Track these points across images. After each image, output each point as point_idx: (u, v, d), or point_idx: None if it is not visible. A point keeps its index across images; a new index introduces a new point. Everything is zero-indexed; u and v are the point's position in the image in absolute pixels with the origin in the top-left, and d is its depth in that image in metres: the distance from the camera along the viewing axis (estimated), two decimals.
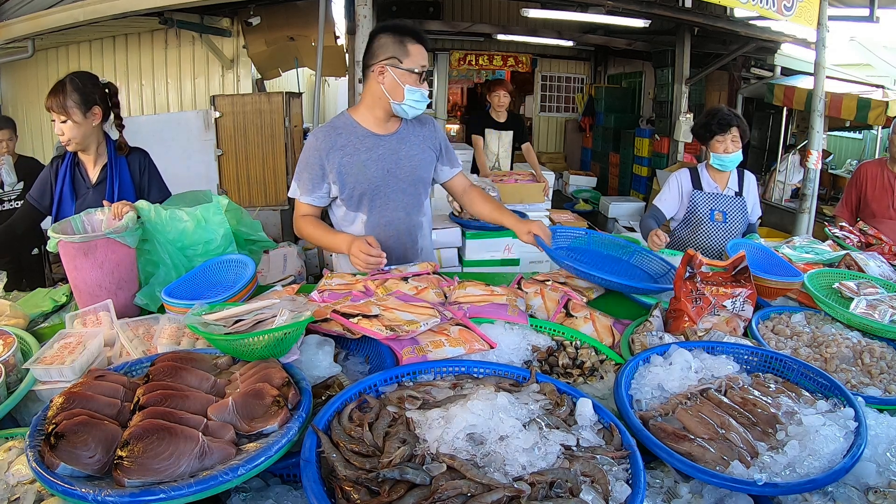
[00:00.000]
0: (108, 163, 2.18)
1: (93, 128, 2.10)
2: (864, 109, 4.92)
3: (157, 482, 0.88)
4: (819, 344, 1.56)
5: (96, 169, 2.18)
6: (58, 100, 1.99)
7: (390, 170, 2.00)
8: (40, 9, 3.96)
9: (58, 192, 2.12)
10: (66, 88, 2.00)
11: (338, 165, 1.95)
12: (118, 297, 1.69)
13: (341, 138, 1.96)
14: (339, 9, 5.95)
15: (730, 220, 2.66)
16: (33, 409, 1.28)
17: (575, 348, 1.57)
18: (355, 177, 1.97)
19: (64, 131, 2.02)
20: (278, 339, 1.23)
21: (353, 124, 2.00)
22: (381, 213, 2.04)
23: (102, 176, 2.17)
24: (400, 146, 2.02)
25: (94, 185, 2.16)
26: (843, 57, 6.71)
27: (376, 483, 0.92)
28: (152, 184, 2.26)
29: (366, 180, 1.98)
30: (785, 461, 1.04)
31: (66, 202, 2.13)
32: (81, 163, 2.18)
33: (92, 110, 2.07)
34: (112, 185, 2.15)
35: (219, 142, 5.20)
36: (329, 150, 1.95)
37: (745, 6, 4.03)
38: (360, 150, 1.97)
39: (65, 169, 2.14)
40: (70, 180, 2.14)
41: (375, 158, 1.98)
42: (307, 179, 1.98)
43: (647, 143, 7.63)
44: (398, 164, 2.01)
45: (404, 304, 1.57)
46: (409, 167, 2.03)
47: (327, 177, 1.97)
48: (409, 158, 2.03)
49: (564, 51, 9.44)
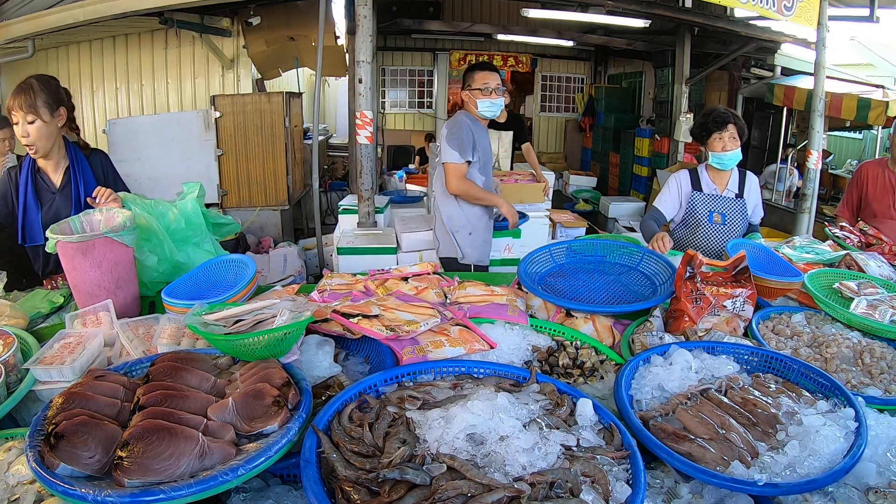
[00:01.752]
0: (69, 166, 2.12)
1: (57, 129, 2.05)
2: (864, 109, 4.91)
3: (157, 482, 0.88)
4: (819, 344, 1.56)
5: (59, 173, 2.12)
6: (26, 98, 1.92)
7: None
8: (40, 9, 3.96)
9: (21, 203, 2.05)
10: (35, 87, 1.94)
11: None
12: (117, 297, 1.69)
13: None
14: (339, 9, 5.94)
15: (729, 222, 2.65)
16: (33, 409, 1.28)
17: (575, 348, 1.57)
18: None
19: (30, 133, 1.95)
20: (278, 339, 1.23)
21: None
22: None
23: (66, 180, 2.11)
24: None
25: (59, 189, 2.10)
26: (844, 57, 6.71)
27: (376, 483, 0.92)
28: (116, 183, 2.23)
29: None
30: (785, 461, 1.04)
31: (32, 211, 2.06)
32: (42, 170, 2.11)
33: (58, 111, 2.03)
34: (77, 187, 2.10)
35: (219, 142, 5.19)
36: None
37: (745, 6, 4.03)
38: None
39: (25, 178, 2.06)
40: (33, 189, 2.07)
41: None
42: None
43: (647, 143, 7.63)
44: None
45: (404, 304, 1.57)
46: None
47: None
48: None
49: (564, 51, 9.45)
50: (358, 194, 3.53)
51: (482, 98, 2.71)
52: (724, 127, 2.57)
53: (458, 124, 2.72)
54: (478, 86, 2.69)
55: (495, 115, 2.78)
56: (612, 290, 1.90)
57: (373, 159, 3.53)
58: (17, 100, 1.93)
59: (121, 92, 6.14)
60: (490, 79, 2.70)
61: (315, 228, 4.35)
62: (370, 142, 3.44)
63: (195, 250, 1.98)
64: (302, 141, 6.03)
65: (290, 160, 5.39)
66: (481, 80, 2.70)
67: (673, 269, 1.82)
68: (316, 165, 4.08)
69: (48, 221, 1.97)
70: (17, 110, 1.94)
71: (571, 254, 2.11)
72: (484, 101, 2.70)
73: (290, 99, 5.41)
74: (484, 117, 2.77)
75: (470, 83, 2.74)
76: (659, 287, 1.85)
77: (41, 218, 2.06)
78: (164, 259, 1.89)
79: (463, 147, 2.69)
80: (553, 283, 1.94)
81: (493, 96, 2.70)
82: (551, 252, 2.11)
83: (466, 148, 2.69)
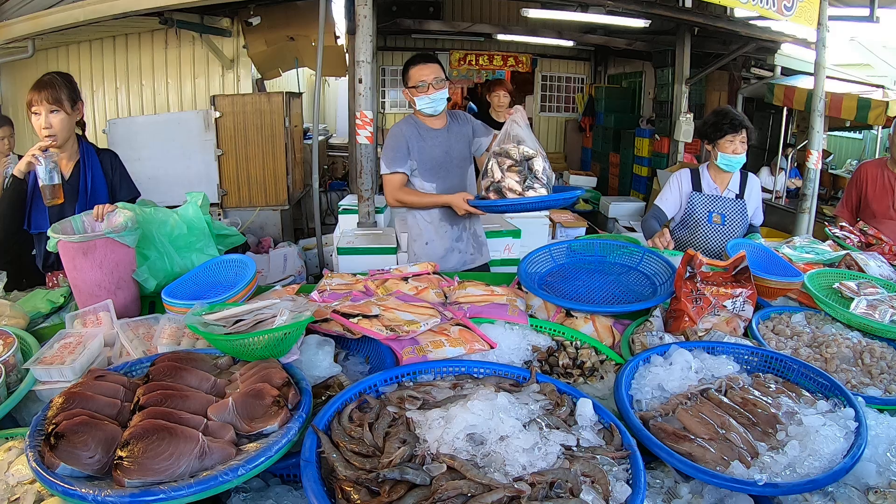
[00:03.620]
0: (80, 159, 2.20)
1: (74, 123, 2.15)
2: (864, 109, 4.91)
3: (157, 482, 0.88)
4: (819, 344, 1.56)
5: (69, 165, 2.19)
6: (52, 92, 2.02)
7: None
8: (40, 9, 3.96)
9: (30, 190, 2.12)
10: (57, 81, 2.04)
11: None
12: (118, 297, 1.69)
13: None
14: (339, 9, 5.93)
15: (728, 223, 2.66)
16: (33, 409, 1.28)
17: (575, 348, 1.57)
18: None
19: (53, 124, 2.03)
20: (278, 339, 1.23)
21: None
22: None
23: (76, 172, 2.19)
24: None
25: (67, 180, 2.17)
26: (844, 57, 6.70)
27: (376, 483, 0.92)
28: (123, 183, 2.30)
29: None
30: (785, 461, 1.04)
31: (39, 199, 2.11)
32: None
33: (77, 105, 2.12)
34: (85, 180, 2.18)
35: (219, 142, 5.19)
36: None
37: (745, 6, 4.02)
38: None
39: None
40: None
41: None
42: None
43: (647, 143, 7.63)
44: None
45: (404, 304, 1.57)
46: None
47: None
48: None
49: (564, 51, 9.44)
50: (358, 194, 3.53)
51: (419, 95, 2.46)
52: (739, 130, 2.60)
53: (391, 133, 2.56)
54: (413, 83, 2.46)
55: (437, 110, 2.51)
56: (612, 289, 1.90)
57: (373, 159, 3.53)
58: (43, 93, 2.02)
59: (121, 92, 6.13)
60: (424, 74, 2.44)
61: (315, 228, 4.35)
62: (370, 142, 3.44)
63: (199, 256, 1.96)
64: (302, 141, 6.03)
65: (290, 160, 5.38)
66: (416, 76, 2.46)
67: (673, 268, 1.81)
68: (316, 165, 4.08)
69: (54, 210, 2.09)
70: (42, 103, 2.02)
71: (571, 254, 2.12)
72: (421, 98, 2.46)
73: (290, 99, 5.41)
74: (427, 115, 2.53)
75: (407, 82, 2.51)
76: (659, 287, 1.85)
77: (46, 209, 2.11)
78: (166, 274, 1.88)
79: (391, 157, 2.52)
80: (553, 283, 1.94)
81: (430, 91, 2.45)
82: (551, 252, 2.11)
83: (395, 158, 2.50)
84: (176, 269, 1.90)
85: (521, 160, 2.16)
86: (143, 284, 1.81)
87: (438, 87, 2.47)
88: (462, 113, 2.73)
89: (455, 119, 2.66)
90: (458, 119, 2.67)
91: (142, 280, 1.79)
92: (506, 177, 2.15)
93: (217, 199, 5.26)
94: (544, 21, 6.99)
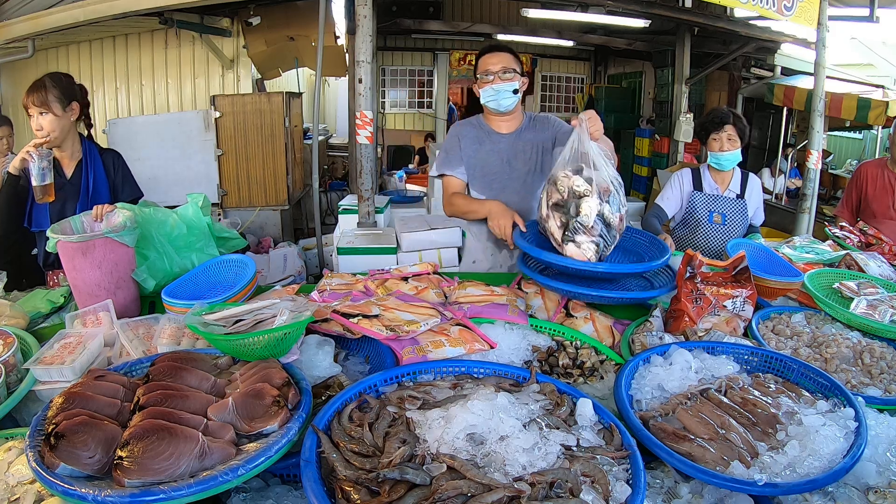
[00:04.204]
0: (83, 159, 2.22)
1: (71, 123, 2.15)
2: (864, 109, 4.92)
3: (157, 482, 0.88)
4: (819, 344, 1.56)
5: (71, 164, 2.21)
6: (39, 95, 2.04)
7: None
8: (40, 9, 3.96)
9: (31, 188, 2.13)
10: (46, 84, 2.07)
11: None
12: (117, 297, 1.69)
13: None
14: (339, 9, 5.93)
15: (729, 222, 2.65)
16: (33, 409, 1.28)
17: (575, 348, 1.57)
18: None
19: (43, 125, 2.06)
20: (278, 339, 1.23)
21: None
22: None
23: (77, 171, 2.21)
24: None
25: (69, 179, 2.19)
26: (844, 57, 6.71)
27: (376, 483, 0.92)
28: (125, 183, 2.32)
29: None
30: (785, 461, 1.04)
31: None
32: (55, 160, 2.19)
33: (70, 105, 2.13)
34: (87, 179, 2.20)
35: (219, 142, 5.19)
36: None
37: (745, 6, 4.03)
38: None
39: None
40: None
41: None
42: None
43: (647, 143, 7.63)
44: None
45: (404, 304, 1.57)
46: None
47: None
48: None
49: (564, 51, 9.44)
50: (358, 194, 3.53)
51: (483, 87, 2.14)
52: (721, 127, 2.57)
53: (448, 132, 2.32)
54: (479, 74, 2.16)
55: (502, 106, 2.15)
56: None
57: (373, 159, 3.53)
58: (31, 97, 2.06)
59: (121, 92, 6.13)
60: (491, 63, 2.13)
61: (315, 228, 4.35)
62: (370, 142, 3.44)
63: (199, 256, 1.96)
64: (302, 141, 6.03)
65: (290, 160, 5.39)
66: (482, 66, 2.16)
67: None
68: (316, 165, 4.08)
69: (55, 209, 2.11)
70: (31, 105, 2.06)
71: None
72: (485, 90, 2.13)
73: (290, 99, 5.41)
74: (494, 112, 2.20)
75: (475, 73, 2.21)
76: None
77: (48, 205, 2.12)
78: (165, 274, 1.87)
79: (440, 159, 2.29)
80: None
81: (495, 82, 2.11)
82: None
83: (444, 160, 2.27)
84: (175, 269, 1.90)
85: (567, 197, 1.62)
86: (142, 284, 1.81)
87: (505, 79, 2.11)
88: (548, 117, 2.33)
89: (533, 124, 2.29)
90: (536, 124, 2.29)
91: (141, 280, 1.79)
92: (549, 216, 1.68)
93: (217, 199, 5.27)
94: (544, 21, 7.00)
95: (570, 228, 1.57)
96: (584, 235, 1.55)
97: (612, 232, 1.58)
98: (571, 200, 1.58)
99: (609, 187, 1.53)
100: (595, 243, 1.56)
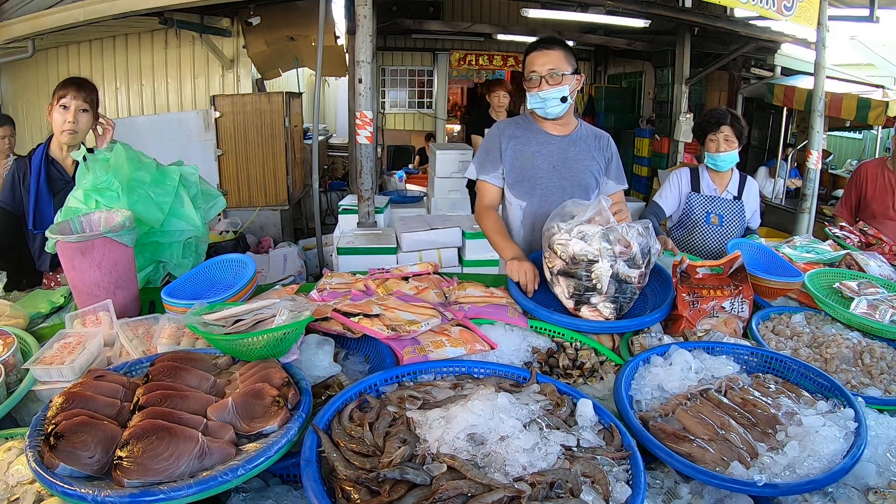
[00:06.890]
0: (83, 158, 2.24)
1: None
2: (864, 109, 4.92)
3: (157, 482, 0.88)
4: (819, 344, 1.56)
5: (73, 165, 2.23)
6: (88, 93, 2.13)
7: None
8: (40, 9, 3.96)
9: (33, 190, 2.16)
10: (90, 85, 2.15)
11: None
12: (117, 297, 1.69)
13: None
14: (339, 9, 5.93)
15: (726, 224, 2.65)
16: (33, 409, 1.28)
17: (575, 350, 1.57)
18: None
19: (80, 122, 2.13)
20: (278, 339, 1.23)
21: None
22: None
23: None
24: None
25: (72, 178, 2.21)
26: (844, 57, 6.71)
27: (376, 483, 0.92)
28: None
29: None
30: (785, 462, 1.04)
31: (44, 199, 2.19)
32: (55, 160, 2.25)
33: (97, 111, 2.22)
34: None
35: (219, 142, 5.20)
36: None
37: (745, 6, 4.03)
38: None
39: (38, 167, 2.19)
40: (45, 178, 2.21)
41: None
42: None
43: (647, 143, 7.63)
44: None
45: (405, 304, 1.57)
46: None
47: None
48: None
49: None
50: (358, 194, 3.53)
51: (530, 91, 1.95)
52: (717, 128, 2.57)
53: (490, 131, 2.13)
54: (525, 73, 1.97)
55: (549, 114, 1.97)
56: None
57: (373, 159, 3.54)
58: (82, 91, 2.13)
59: (121, 92, 6.13)
60: (537, 63, 1.91)
61: (315, 228, 4.35)
62: (370, 142, 3.44)
63: (178, 201, 1.98)
64: (302, 141, 6.04)
65: (290, 160, 5.39)
66: (528, 66, 1.95)
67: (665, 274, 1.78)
68: (316, 165, 4.09)
69: (59, 210, 2.09)
70: (76, 99, 2.12)
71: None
72: (532, 95, 1.94)
73: (290, 99, 5.42)
74: (541, 117, 2.03)
75: (523, 72, 2.02)
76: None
77: (53, 206, 2.16)
78: (149, 217, 1.89)
79: (478, 161, 2.11)
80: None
81: (542, 87, 1.90)
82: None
83: (481, 162, 2.08)
84: (157, 212, 1.91)
85: (568, 262, 1.54)
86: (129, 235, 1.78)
87: (553, 83, 1.89)
88: (609, 139, 2.18)
89: (594, 136, 2.12)
90: (597, 138, 2.12)
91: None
92: (554, 282, 1.62)
93: None
94: (544, 21, 6.98)
95: (583, 294, 1.55)
96: (598, 297, 1.53)
97: (631, 288, 1.53)
98: (581, 266, 1.53)
99: (631, 242, 1.46)
100: (612, 303, 1.54)
